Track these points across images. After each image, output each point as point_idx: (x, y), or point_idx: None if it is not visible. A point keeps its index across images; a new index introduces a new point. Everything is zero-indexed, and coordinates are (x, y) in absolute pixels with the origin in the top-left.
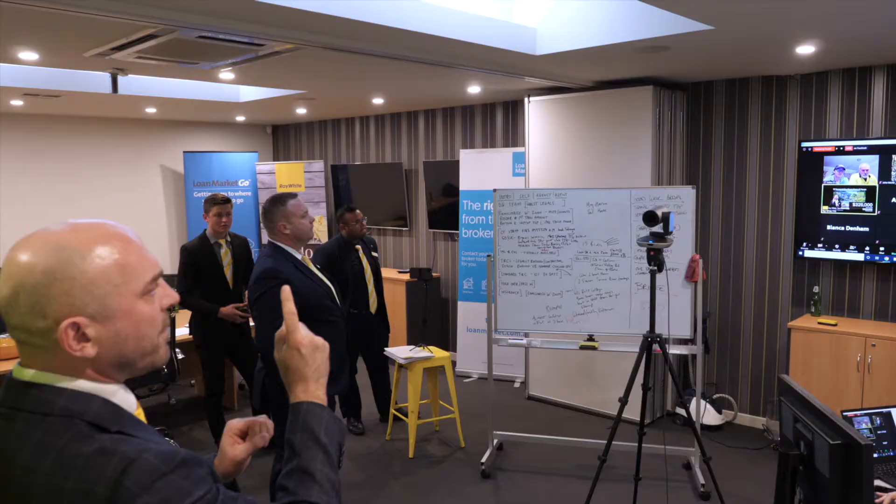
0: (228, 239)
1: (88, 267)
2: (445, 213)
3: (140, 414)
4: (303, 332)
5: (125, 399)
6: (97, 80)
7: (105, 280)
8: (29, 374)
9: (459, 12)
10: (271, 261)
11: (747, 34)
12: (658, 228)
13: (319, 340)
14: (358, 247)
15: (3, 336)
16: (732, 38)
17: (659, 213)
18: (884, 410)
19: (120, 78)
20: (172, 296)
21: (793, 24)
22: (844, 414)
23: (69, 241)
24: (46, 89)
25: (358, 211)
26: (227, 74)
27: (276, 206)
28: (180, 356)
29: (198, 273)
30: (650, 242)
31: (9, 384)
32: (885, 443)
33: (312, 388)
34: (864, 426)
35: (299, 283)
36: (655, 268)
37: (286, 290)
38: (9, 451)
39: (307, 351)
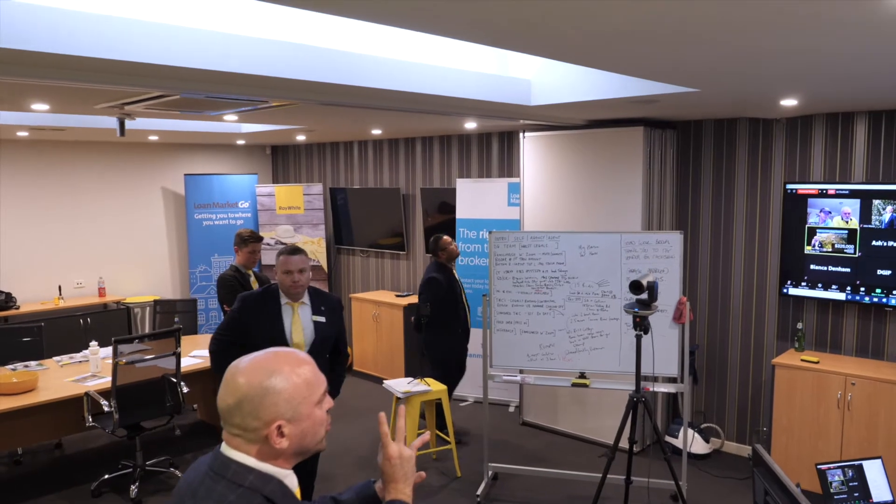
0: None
1: (289, 384)
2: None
3: (297, 493)
4: (393, 448)
5: (291, 482)
6: (104, 118)
7: (298, 393)
8: (235, 455)
9: (455, 70)
10: (250, 294)
11: (731, 94)
12: (644, 296)
13: (406, 452)
14: (454, 269)
15: (7, 368)
16: (717, 97)
17: (644, 282)
18: (855, 463)
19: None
20: (331, 402)
21: (774, 85)
22: (818, 467)
23: (275, 365)
24: (53, 126)
25: (446, 236)
26: (230, 117)
27: (277, 258)
28: (185, 389)
29: None
30: (635, 310)
31: (217, 455)
32: (856, 494)
33: (402, 488)
34: (836, 478)
35: (254, 318)
36: (641, 332)
37: (381, 416)
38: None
39: (396, 462)
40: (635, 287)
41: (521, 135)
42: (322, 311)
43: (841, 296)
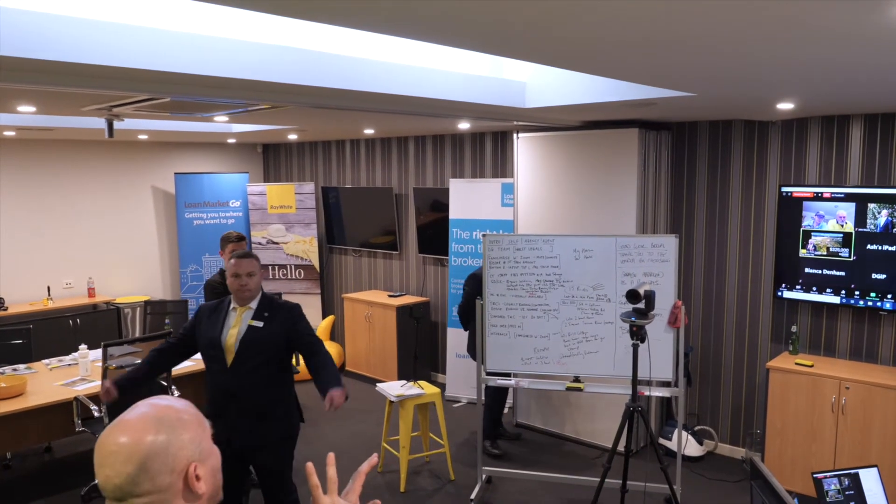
0: None
1: (186, 425)
2: (435, 238)
3: None
4: (324, 501)
5: None
6: (92, 119)
7: (196, 430)
8: None
9: (449, 72)
10: (209, 303)
11: (727, 98)
12: (640, 305)
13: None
14: None
15: None
16: (713, 101)
17: (641, 291)
18: (852, 472)
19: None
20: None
21: (771, 90)
22: (815, 476)
23: (161, 413)
24: (40, 127)
25: None
26: (221, 117)
27: (228, 262)
28: (176, 393)
29: None
30: (632, 319)
31: None
32: (852, 503)
33: None
34: (832, 487)
35: (204, 324)
36: (638, 342)
37: (309, 467)
38: None
39: None
40: (632, 296)
41: (514, 135)
42: (265, 316)
43: (835, 299)
